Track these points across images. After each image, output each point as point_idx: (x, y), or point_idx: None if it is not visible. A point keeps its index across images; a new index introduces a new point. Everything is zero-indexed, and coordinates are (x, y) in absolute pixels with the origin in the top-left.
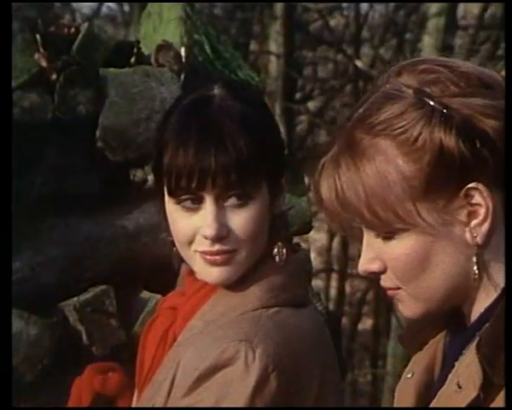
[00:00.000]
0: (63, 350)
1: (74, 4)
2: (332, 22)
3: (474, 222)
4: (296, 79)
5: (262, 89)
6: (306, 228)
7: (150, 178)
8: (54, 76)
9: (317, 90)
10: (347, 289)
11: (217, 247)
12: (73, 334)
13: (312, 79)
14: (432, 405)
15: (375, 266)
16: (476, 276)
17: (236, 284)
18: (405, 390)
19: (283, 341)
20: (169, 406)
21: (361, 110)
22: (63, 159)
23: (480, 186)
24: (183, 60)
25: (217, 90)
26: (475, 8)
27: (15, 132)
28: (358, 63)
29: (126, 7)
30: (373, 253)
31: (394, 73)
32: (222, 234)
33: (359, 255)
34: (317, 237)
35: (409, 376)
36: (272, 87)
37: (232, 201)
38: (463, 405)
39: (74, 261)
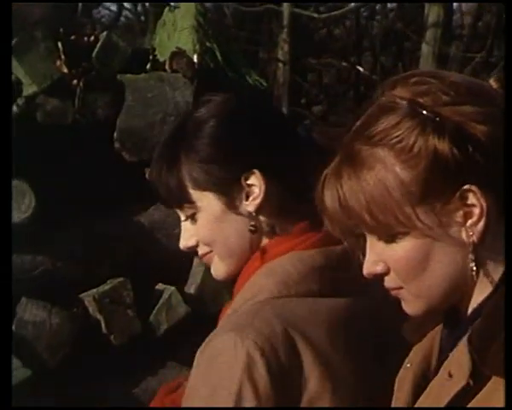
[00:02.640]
0: (83, 339)
1: (94, 14)
2: (335, 31)
3: (469, 222)
4: (302, 85)
5: (270, 93)
6: None
7: None
8: (74, 82)
9: (322, 96)
10: None
11: (199, 252)
12: (93, 323)
13: (317, 85)
14: (424, 393)
15: (378, 268)
16: (474, 272)
17: (256, 277)
18: (404, 379)
19: (282, 331)
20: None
21: (359, 123)
22: (83, 160)
23: (474, 188)
24: (196, 66)
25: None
26: (469, 18)
27: (39, 135)
28: (360, 70)
29: (143, 17)
30: (376, 256)
31: (388, 86)
32: (189, 245)
33: (358, 260)
34: None
35: (408, 365)
36: (279, 92)
37: (185, 214)
38: (453, 393)
39: (94, 256)
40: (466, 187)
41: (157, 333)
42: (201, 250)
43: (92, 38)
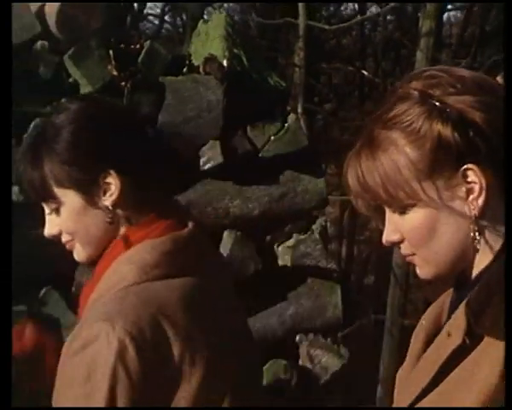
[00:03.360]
0: None
1: (140, 27)
2: (343, 41)
3: (471, 197)
4: (315, 86)
5: (287, 93)
6: (323, 203)
7: (199, 163)
8: (123, 83)
9: (331, 95)
10: (355, 251)
11: (62, 239)
12: None
13: (328, 86)
14: (428, 349)
15: (395, 237)
16: (476, 242)
17: (117, 265)
18: (418, 335)
19: (146, 314)
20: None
21: (379, 111)
22: None
23: (474, 167)
24: (225, 69)
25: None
26: (457, 29)
27: None
28: (364, 73)
29: (181, 29)
30: (393, 226)
31: (406, 80)
32: (52, 233)
33: (378, 229)
34: (331, 211)
35: (423, 322)
36: (296, 92)
37: (50, 207)
38: (450, 350)
39: None
40: (466, 166)
41: None
42: (64, 238)
43: (138, 46)
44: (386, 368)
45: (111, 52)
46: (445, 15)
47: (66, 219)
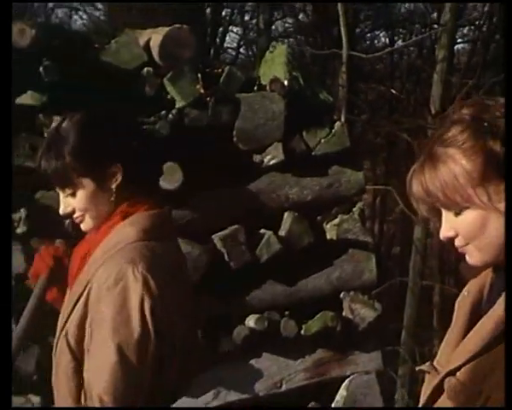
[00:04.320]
0: (214, 264)
1: (221, 57)
2: (377, 66)
3: None
4: (355, 101)
5: (334, 106)
6: (362, 191)
7: (266, 160)
8: (208, 98)
9: (367, 108)
10: (385, 228)
11: (74, 215)
12: (219, 255)
13: (365, 101)
14: (477, 325)
15: (451, 233)
16: None
17: (119, 228)
18: (463, 305)
19: (154, 262)
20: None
21: (437, 132)
22: (214, 153)
23: None
24: (286, 88)
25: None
26: (465, 57)
27: (186, 134)
28: (393, 91)
29: (252, 58)
30: (449, 224)
31: (458, 108)
32: (67, 212)
33: (402, 211)
34: (366, 197)
35: (466, 294)
36: (340, 105)
37: (67, 192)
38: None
39: (221, 212)
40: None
41: (260, 261)
42: (76, 215)
43: (220, 70)
44: (409, 318)
45: (199, 75)
46: (456, 47)
47: (80, 200)
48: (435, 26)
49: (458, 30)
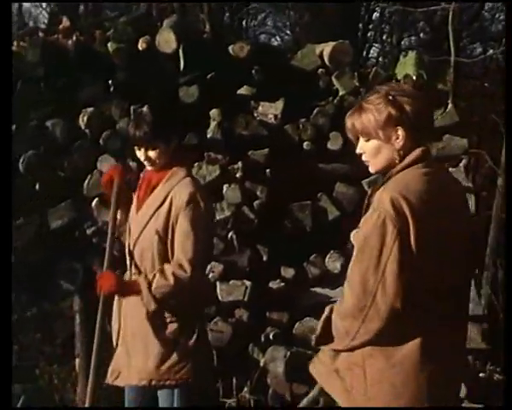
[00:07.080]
0: None
1: (367, 63)
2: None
3: (397, 140)
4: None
5: (447, 93)
6: (465, 152)
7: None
8: (361, 89)
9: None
10: None
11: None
12: None
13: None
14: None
15: (361, 151)
16: (397, 160)
17: (172, 174)
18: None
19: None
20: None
21: (366, 96)
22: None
23: (400, 128)
24: (414, 81)
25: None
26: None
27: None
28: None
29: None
30: (361, 146)
31: (382, 85)
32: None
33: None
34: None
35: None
36: (450, 92)
37: (146, 155)
38: None
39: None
40: (397, 127)
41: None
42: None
43: (369, 70)
44: None
45: (355, 73)
46: None
47: (157, 157)
48: None
49: None
